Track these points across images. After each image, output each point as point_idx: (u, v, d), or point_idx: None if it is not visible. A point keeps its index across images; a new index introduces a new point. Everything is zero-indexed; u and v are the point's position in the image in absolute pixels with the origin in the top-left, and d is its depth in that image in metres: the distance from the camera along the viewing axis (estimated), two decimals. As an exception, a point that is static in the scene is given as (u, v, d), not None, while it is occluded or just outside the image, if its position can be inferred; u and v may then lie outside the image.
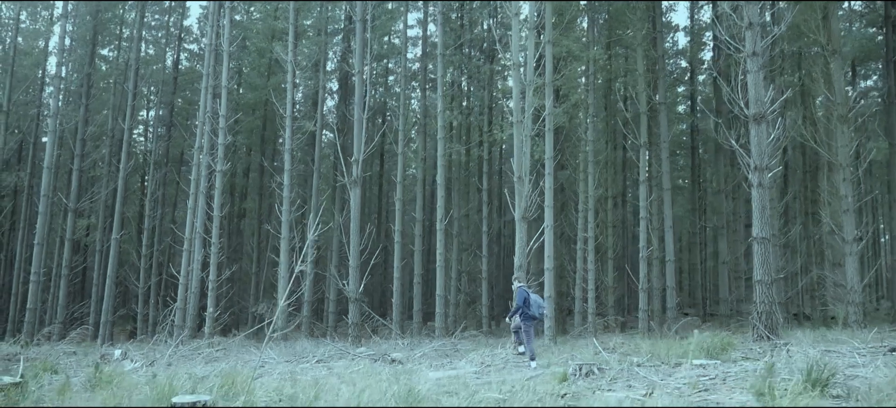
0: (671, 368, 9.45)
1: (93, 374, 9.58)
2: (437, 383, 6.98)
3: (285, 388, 8.10)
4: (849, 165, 17.94)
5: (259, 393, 7.46)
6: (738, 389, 6.86)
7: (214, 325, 20.50)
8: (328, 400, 6.36)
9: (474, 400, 6.24)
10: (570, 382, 7.86)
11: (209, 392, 7.54)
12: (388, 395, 6.37)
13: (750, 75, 15.08)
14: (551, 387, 7.34)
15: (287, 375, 10.17)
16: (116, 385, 9.00)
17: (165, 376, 10.11)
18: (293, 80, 21.64)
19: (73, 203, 25.56)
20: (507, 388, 7.17)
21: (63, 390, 8.27)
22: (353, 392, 6.82)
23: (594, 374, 8.99)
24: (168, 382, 7.34)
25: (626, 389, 7.22)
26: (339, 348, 15.80)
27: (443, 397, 6.56)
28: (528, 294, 13.00)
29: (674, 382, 7.65)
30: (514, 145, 16.58)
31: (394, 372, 9.03)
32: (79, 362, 15.32)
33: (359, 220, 19.69)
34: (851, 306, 17.43)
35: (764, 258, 14.67)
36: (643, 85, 21.48)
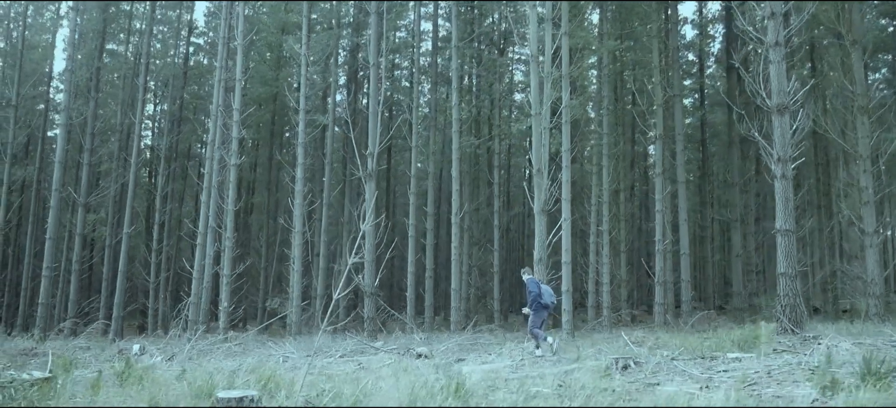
0: (707, 361, 9.34)
1: (122, 369, 9.45)
2: (483, 378, 6.86)
3: (320, 383, 7.99)
4: (869, 156, 17.78)
5: (297, 388, 7.34)
6: (788, 382, 6.74)
7: (228, 319, 20.38)
8: (377, 398, 6.24)
9: (526, 397, 6.12)
10: (610, 376, 7.74)
11: (246, 387, 7.43)
12: (436, 391, 6.25)
13: (772, 66, 14.91)
14: (595, 381, 7.22)
15: (316, 370, 10.05)
16: (147, 380, 8.89)
17: (195, 371, 10.01)
18: (306, 74, 21.48)
19: (83, 198, 25.44)
20: (549, 382, 7.05)
21: (96, 385, 8.14)
22: (398, 388, 6.70)
23: (631, 368, 8.89)
24: (207, 377, 7.23)
25: (674, 383, 7.10)
26: (358, 343, 15.69)
27: (490, 393, 6.45)
28: (539, 284, 12.96)
29: (718, 376, 7.53)
30: (533, 138, 16.46)
31: (428, 367, 8.92)
32: (96, 356, 15.23)
33: (374, 213, 19.56)
34: (872, 298, 17.30)
35: (788, 251, 14.52)
36: (658, 77, 21.33)
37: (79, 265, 25.36)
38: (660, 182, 21.24)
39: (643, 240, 33.93)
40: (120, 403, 7.28)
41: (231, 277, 20.44)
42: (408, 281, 22.78)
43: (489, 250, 28.34)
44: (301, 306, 21.90)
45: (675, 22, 23.50)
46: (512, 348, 12.24)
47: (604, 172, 22.22)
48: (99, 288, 31.09)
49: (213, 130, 21.44)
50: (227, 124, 22.02)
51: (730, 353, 9.88)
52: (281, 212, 36.35)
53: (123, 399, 7.47)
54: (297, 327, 21.75)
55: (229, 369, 10.48)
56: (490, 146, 27.94)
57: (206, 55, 36.78)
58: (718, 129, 34.09)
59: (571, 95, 19.77)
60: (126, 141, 31.99)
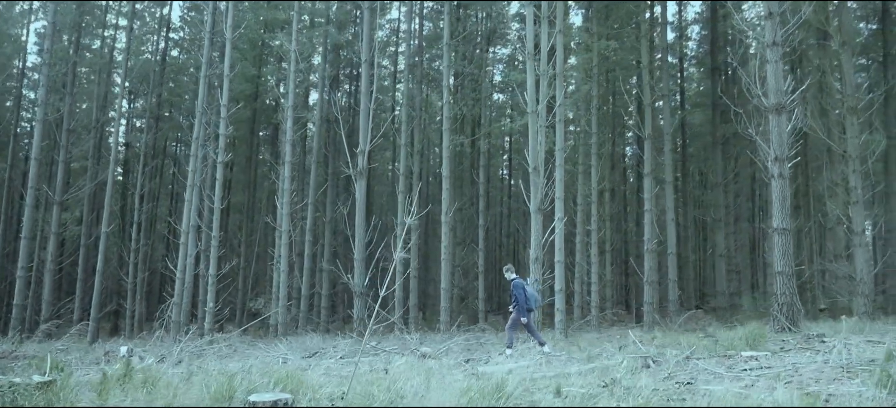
0: (724, 360, 9.26)
1: (123, 371, 9.08)
2: (513, 379, 6.66)
3: (340, 385, 7.76)
4: (858, 156, 17.97)
5: (321, 392, 7.09)
6: (826, 379, 6.65)
7: (213, 320, 19.95)
8: (412, 399, 6.02)
9: (582, 397, 5.95)
10: (638, 375, 7.60)
11: (265, 389, 7.16)
12: (472, 393, 6.05)
13: (769, 65, 14.99)
14: (634, 381, 7.10)
15: (323, 371, 9.79)
16: (150, 383, 8.55)
17: (198, 373, 9.67)
18: (295, 69, 21.12)
19: (59, 196, 24.73)
20: (584, 381, 6.90)
21: (103, 389, 7.80)
22: (428, 390, 6.50)
23: (651, 367, 8.77)
24: (225, 380, 6.94)
25: (711, 382, 6.98)
26: (355, 343, 15.42)
27: (527, 394, 6.27)
28: (525, 285, 12.78)
29: (747, 375, 7.44)
30: (529, 136, 16.33)
31: (447, 368, 8.71)
32: (81, 359, 14.75)
33: (364, 212, 19.29)
34: (861, 297, 17.48)
35: (785, 249, 14.62)
36: (647, 77, 21.36)
37: (53, 265, 24.63)
38: (648, 182, 21.26)
39: (622, 239, 34.07)
40: (142, 403, 6.96)
41: (216, 278, 20.00)
42: (397, 281, 22.49)
43: (473, 250, 28.19)
44: (286, 307, 21.52)
45: (664, 23, 23.56)
46: (519, 348, 12.07)
47: (592, 171, 22.20)
48: (71, 289, 30.37)
49: (197, 127, 20.97)
50: (211, 121, 21.60)
51: (744, 351, 9.82)
52: (258, 211, 35.88)
53: (132, 403, 7.14)
54: (283, 328, 21.39)
55: (233, 370, 10.17)
56: (477, 145, 27.78)
57: (183, 51, 36.13)
58: (697, 130, 34.36)
59: (566, 95, 19.70)
60: (100, 139, 31.27)
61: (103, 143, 33.09)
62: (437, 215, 35.00)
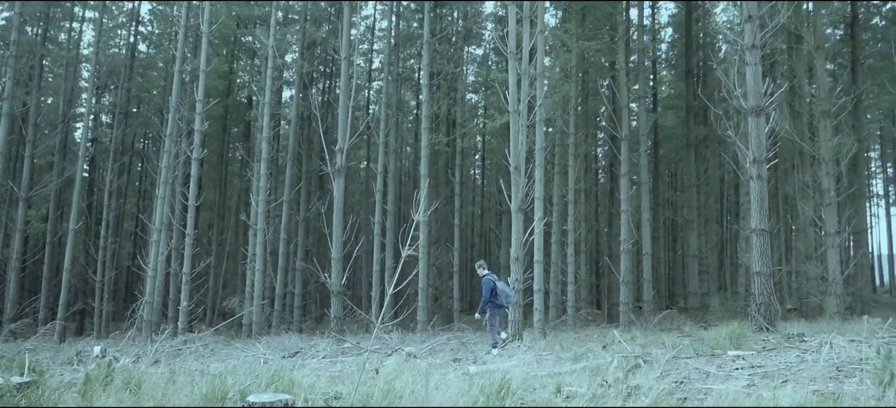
0: (712, 359, 9.32)
1: (105, 371, 8.83)
2: (524, 379, 6.61)
3: (331, 385, 7.64)
4: (831, 159, 18.28)
5: (314, 392, 6.96)
6: (824, 378, 6.70)
7: (187, 319, 19.59)
8: (412, 399, 5.93)
9: (590, 398, 5.91)
10: (634, 373, 7.61)
11: (257, 391, 7.01)
12: (474, 392, 5.98)
13: (748, 68, 15.16)
14: (633, 380, 7.11)
15: (310, 371, 9.63)
16: (134, 384, 8.33)
17: (181, 374, 9.46)
18: (274, 65, 20.83)
19: (25, 192, 24.11)
20: (578, 382, 6.87)
21: (86, 390, 7.57)
22: (427, 390, 6.41)
23: (641, 367, 8.78)
24: (219, 380, 6.77)
25: (704, 380, 7.01)
26: (335, 343, 15.25)
27: (529, 393, 6.22)
28: (495, 283, 12.86)
29: (739, 373, 7.48)
30: (511, 135, 16.31)
31: (441, 368, 8.63)
32: (52, 360, 14.36)
33: (342, 211, 19.10)
34: (833, 297, 17.78)
35: (763, 250, 14.79)
36: (625, 79, 21.50)
37: (19, 263, 24.00)
38: (625, 182, 21.41)
39: (594, 240, 34.30)
40: (129, 405, 6.77)
41: (190, 276, 19.64)
42: (373, 280, 22.35)
43: (448, 249, 28.15)
44: (261, 306, 21.24)
45: (642, 25, 23.74)
46: (506, 348, 12.03)
47: (569, 171, 22.27)
48: (34, 288, 29.64)
49: (171, 123, 20.58)
50: (183, 117, 21.24)
51: (730, 351, 9.90)
52: (229, 209, 35.42)
53: (118, 404, 6.94)
54: (257, 328, 21.11)
55: (215, 371, 9.97)
56: (451, 145, 27.74)
57: (152, 46, 35.49)
58: (668, 132, 34.74)
59: (546, 94, 19.71)
60: (65, 134, 30.55)
61: (69, 138, 32.37)
62: (409, 214, 34.93)
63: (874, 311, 21.75)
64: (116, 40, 34.76)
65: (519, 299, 16.06)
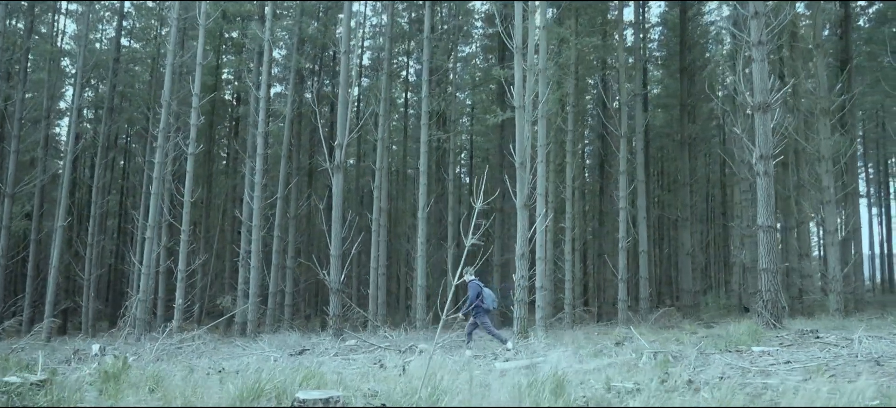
0: (737, 354, 9.24)
1: (118, 369, 8.53)
2: (579, 375, 6.44)
3: (364, 383, 7.44)
4: (830, 157, 18.36)
5: (348, 390, 6.75)
6: (866, 372, 6.62)
7: (183, 317, 19.22)
8: (457, 398, 5.74)
9: (624, 394, 5.76)
10: (669, 369, 7.48)
11: (291, 389, 6.78)
12: (522, 389, 5.81)
13: (755, 64, 15.14)
14: (659, 374, 6.99)
15: (331, 369, 9.40)
16: (154, 382, 8.05)
17: (197, 372, 9.20)
18: (270, 59, 20.51)
19: (10, 188, 23.53)
20: (624, 377, 6.73)
21: (105, 388, 7.29)
22: (472, 388, 6.23)
23: (670, 361, 8.67)
24: (254, 376, 6.54)
25: (744, 375, 6.89)
26: (334, 340, 15.02)
27: (578, 388, 6.06)
28: (481, 288, 12.82)
29: (777, 368, 7.39)
30: (516, 131, 16.18)
31: (477, 366, 8.45)
32: (49, 358, 13.96)
33: (341, 207, 18.83)
34: (834, 294, 17.84)
35: (769, 247, 14.77)
36: (624, 76, 21.46)
37: (5, 261, 23.43)
38: (623, 180, 21.37)
39: (583, 238, 34.27)
40: (158, 404, 6.50)
41: (185, 274, 19.27)
42: (371, 277, 22.10)
43: (443, 247, 27.94)
44: (256, 304, 20.92)
45: (638, 23, 23.74)
46: (518, 344, 11.89)
47: (567, 168, 22.19)
48: (13, 286, 29.00)
49: (164, 117, 20.16)
50: (172, 111, 20.82)
51: (754, 346, 9.83)
52: (216, 207, 34.91)
53: (145, 404, 6.67)
54: (253, 326, 20.79)
55: (231, 368, 9.72)
56: (445, 143, 27.54)
57: (135, 39, 34.91)
58: (659, 130, 34.83)
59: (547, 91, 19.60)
60: (47, 130, 29.91)
61: (49, 133, 31.72)
62: (401, 212, 34.71)
63: (868, 309, 21.96)
64: (98, 35, 34.15)
65: (524, 297, 15.94)
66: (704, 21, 30.84)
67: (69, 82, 34.78)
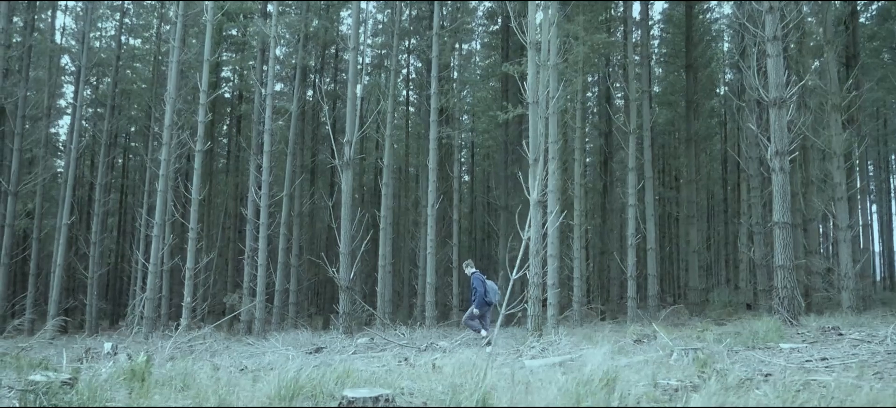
0: (767, 352, 9.16)
1: (141, 367, 8.38)
2: (627, 368, 6.34)
3: (398, 381, 7.32)
4: (842, 153, 18.30)
5: (386, 388, 6.62)
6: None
7: (191, 316, 19.07)
8: (504, 399, 5.63)
9: (673, 392, 5.66)
10: (709, 365, 7.38)
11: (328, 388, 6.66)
12: (570, 388, 5.69)
13: (770, 60, 15.07)
14: (696, 371, 6.90)
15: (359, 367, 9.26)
16: (181, 381, 7.91)
17: (222, 370, 9.06)
18: (275, 56, 20.35)
19: (14, 186, 23.32)
20: (667, 377, 6.63)
21: (143, 388, 7.15)
22: (513, 386, 6.12)
23: (699, 359, 8.57)
24: (292, 376, 6.42)
25: (784, 372, 6.81)
26: (346, 339, 14.90)
27: (626, 389, 5.95)
28: (484, 281, 12.97)
29: (813, 365, 7.30)
30: (529, 127, 16.07)
31: (498, 362, 8.35)
32: (65, 357, 13.80)
33: (350, 204, 18.72)
34: (847, 291, 17.79)
35: (785, 243, 14.70)
36: (634, 73, 21.38)
37: (7, 259, 23.21)
38: (633, 176, 21.29)
39: (589, 235, 34.21)
40: (191, 404, 6.36)
41: (194, 271, 19.12)
42: (379, 274, 21.98)
43: (447, 244, 27.84)
44: (264, 303, 20.77)
45: (646, 20, 23.65)
46: (542, 340, 11.78)
47: (575, 165, 22.11)
48: (16, 285, 28.77)
49: (169, 114, 19.99)
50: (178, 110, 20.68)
51: (782, 343, 9.75)
52: (217, 205, 34.70)
53: (182, 404, 6.53)
54: (260, 325, 20.66)
55: (254, 366, 9.59)
56: (449, 140, 27.42)
57: (134, 36, 34.70)
58: (662, 128, 34.82)
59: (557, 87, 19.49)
60: (47, 128, 29.72)
61: (49, 132, 31.51)
62: (405, 209, 34.57)
63: (875, 306, 21.93)
64: (97, 33, 33.93)
65: (538, 294, 15.85)
66: (708, 18, 30.82)
67: (67, 80, 34.59)
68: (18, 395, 7.02)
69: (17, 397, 7.06)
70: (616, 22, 28.21)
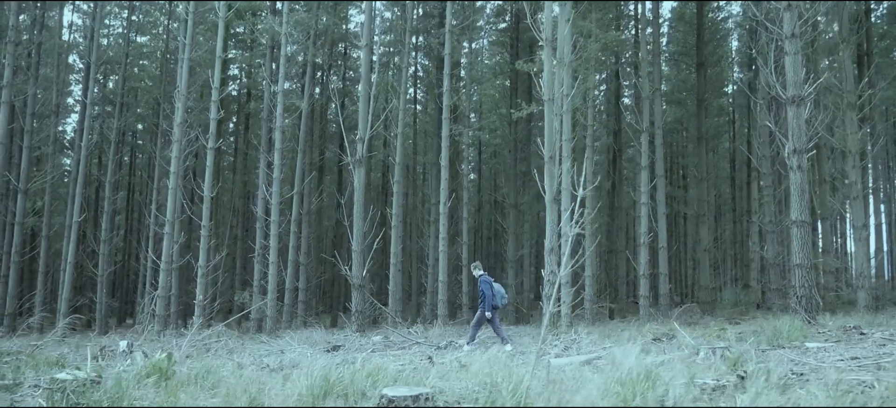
0: (794, 351, 9.08)
1: (166, 365, 8.31)
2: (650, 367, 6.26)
3: (419, 379, 7.24)
4: (857, 151, 18.20)
5: (416, 386, 6.55)
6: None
7: (203, 314, 19.01)
8: (541, 398, 5.55)
9: (711, 391, 5.58)
10: (741, 366, 7.31)
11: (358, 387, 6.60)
12: (611, 388, 5.63)
13: (787, 57, 14.97)
14: (726, 371, 6.84)
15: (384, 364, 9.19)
16: (205, 379, 7.85)
17: (246, 369, 9.01)
18: (287, 54, 20.28)
19: (24, 184, 23.28)
20: (708, 374, 6.56)
21: (171, 387, 7.09)
22: (549, 383, 6.05)
23: (727, 358, 8.49)
24: (306, 376, 6.36)
25: (819, 372, 6.73)
26: (360, 337, 14.83)
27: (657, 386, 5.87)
28: (492, 283, 12.77)
29: (847, 364, 7.22)
30: (545, 125, 16.01)
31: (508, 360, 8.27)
32: (80, 354, 13.76)
33: (363, 202, 18.65)
34: (863, 290, 17.68)
35: (803, 242, 14.61)
36: (646, 70, 21.28)
37: (19, 257, 23.18)
38: (645, 175, 21.19)
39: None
40: (220, 404, 6.30)
41: (206, 269, 19.07)
42: (390, 273, 21.91)
43: (456, 242, 27.75)
44: (275, 301, 20.71)
45: (656, 19, 23.55)
46: (562, 339, 11.71)
47: (587, 163, 22.00)
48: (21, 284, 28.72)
49: (181, 111, 19.92)
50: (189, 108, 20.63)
51: (808, 342, 9.67)
52: (222, 205, 34.62)
53: (203, 403, 6.47)
54: (272, 323, 20.61)
55: (276, 364, 9.53)
56: (457, 138, 27.34)
57: (144, 34, 34.67)
58: (671, 126, 34.69)
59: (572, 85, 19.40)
60: (56, 125, 29.67)
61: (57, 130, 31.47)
62: (413, 207, 34.49)
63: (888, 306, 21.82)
64: (105, 30, 33.86)
65: (554, 292, 15.75)
66: (719, 17, 30.71)
67: (74, 78, 34.56)
68: (46, 394, 6.97)
69: (45, 396, 7.00)
70: (625, 20, 28.10)
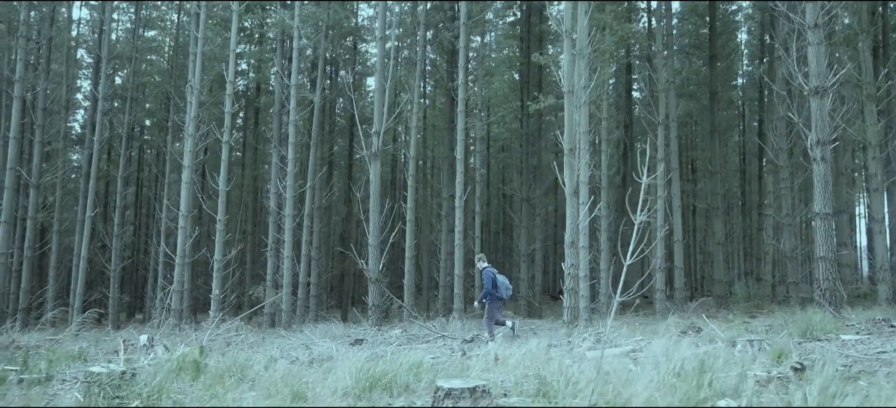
0: (828, 342, 8.99)
1: (198, 359, 8.26)
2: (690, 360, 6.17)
3: (452, 371, 7.17)
4: (877, 143, 18.06)
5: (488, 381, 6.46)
6: None
7: (219, 308, 18.93)
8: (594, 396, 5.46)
9: (771, 384, 5.48)
10: (788, 357, 7.22)
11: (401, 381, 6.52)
12: (664, 379, 5.54)
13: (810, 48, 14.85)
14: (770, 364, 6.75)
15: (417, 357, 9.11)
16: (238, 373, 7.79)
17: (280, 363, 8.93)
18: (300, 47, 20.18)
19: (36, 179, 23.22)
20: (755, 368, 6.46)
21: (204, 380, 7.02)
22: (600, 377, 5.97)
23: (765, 350, 8.40)
24: (366, 369, 6.28)
25: (861, 363, 6.64)
26: (378, 331, 14.76)
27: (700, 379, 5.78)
28: (495, 275, 12.79)
29: (894, 357, 7.14)
30: (565, 117, 15.89)
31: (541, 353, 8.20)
32: (101, 349, 13.72)
33: (379, 196, 18.56)
34: (883, 283, 17.56)
35: (826, 234, 14.51)
36: (661, 63, 21.15)
37: (32, 252, 23.14)
38: (662, 168, 21.06)
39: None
40: (254, 402, 6.21)
41: (222, 263, 19.00)
42: (405, 267, 21.83)
43: (469, 236, 27.64)
44: (290, 295, 20.65)
45: (669, 12, 23.40)
46: (589, 330, 11.62)
47: (602, 156, 21.91)
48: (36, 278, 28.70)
49: (194, 105, 19.82)
50: (202, 102, 20.52)
51: (843, 335, 9.58)
52: (232, 200, 34.54)
53: (252, 402, 6.38)
54: (287, 317, 20.55)
55: (307, 358, 9.45)
56: (472, 130, 27.23)
57: (153, 28, 34.59)
58: (683, 120, 34.51)
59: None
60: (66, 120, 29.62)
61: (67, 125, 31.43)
62: (424, 201, 34.41)
63: None
64: (113, 25, 33.77)
65: (575, 286, 15.69)
66: (731, 9, 30.53)
67: (83, 73, 34.49)
68: (83, 387, 6.89)
69: (82, 390, 6.93)
70: (637, 12, 27.95)
